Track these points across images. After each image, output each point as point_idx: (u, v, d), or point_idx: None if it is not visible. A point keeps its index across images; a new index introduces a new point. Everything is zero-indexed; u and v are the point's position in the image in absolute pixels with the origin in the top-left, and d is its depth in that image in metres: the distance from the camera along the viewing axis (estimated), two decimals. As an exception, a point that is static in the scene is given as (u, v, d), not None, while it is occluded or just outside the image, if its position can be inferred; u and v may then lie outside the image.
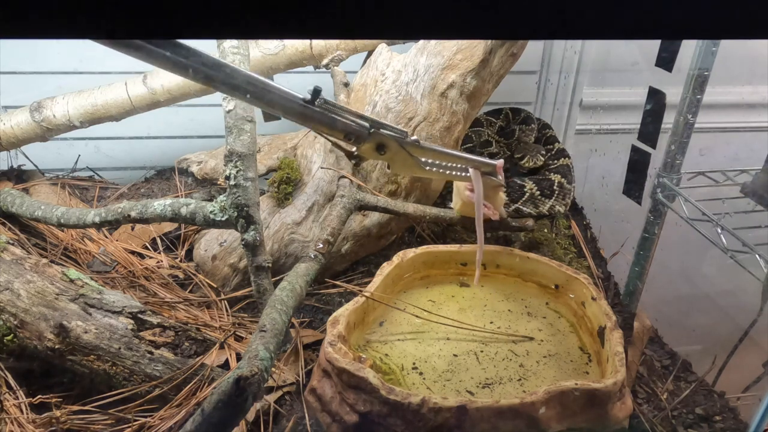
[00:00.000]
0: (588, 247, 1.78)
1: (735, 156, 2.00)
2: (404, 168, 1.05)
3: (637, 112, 1.65)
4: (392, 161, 1.02)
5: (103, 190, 1.91)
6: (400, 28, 0.45)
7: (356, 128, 0.94)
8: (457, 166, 1.15)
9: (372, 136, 0.96)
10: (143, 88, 1.68)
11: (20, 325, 1.22)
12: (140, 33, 0.42)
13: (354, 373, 1.09)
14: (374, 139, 0.96)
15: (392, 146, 0.99)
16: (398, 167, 1.04)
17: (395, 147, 0.99)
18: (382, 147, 0.98)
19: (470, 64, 1.54)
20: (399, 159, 1.01)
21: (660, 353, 1.55)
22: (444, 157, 1.10)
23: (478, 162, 1.18)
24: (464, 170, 1.17)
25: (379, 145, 0.98)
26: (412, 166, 1.04)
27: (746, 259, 1.51)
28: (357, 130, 0.94)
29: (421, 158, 1.05)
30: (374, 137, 0.96)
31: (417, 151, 1.03)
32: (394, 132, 0.99)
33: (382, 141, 0.97)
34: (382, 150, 0.98)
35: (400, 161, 1.02)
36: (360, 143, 0.96)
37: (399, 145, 0.99)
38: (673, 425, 1.31)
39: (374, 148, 0.98)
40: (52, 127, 1.71)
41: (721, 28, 0.47)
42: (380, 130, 0.96)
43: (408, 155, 1.01)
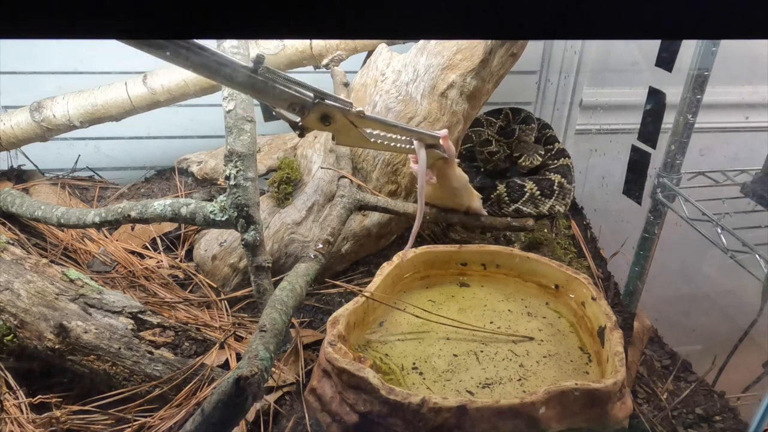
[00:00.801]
0: (588, 247, 1.78)
1: (735, 156, 2.00)
2: (349, 139, 1.04)
3: (637, 112, 1.65)
4: (337, 132, 1.01)
5: (103, 190, 1.91)
6: (400, 28, 0.45)
7: (300, 98, 0.93)
8: (402, 138, 1.15)
9: (316, 106, 0.95)
10: (143, 88, 1.68)
11: (20, 325, 1.22)
12: (140, 33, 0.42)
13: (354, 373, 1.09)
14: (319, 109, 0.95)
15: (337, 117, 0.98)
16: (343, 139, 1.03)
17: (340, 118, 0.98)
18: (326, 118, 0.98)
19: (470, 64, 1.54)
20: (344, 130, 1.01)
21: (660, 353, 1.55)
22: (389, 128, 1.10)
23: (422, 134, 1.18)
24: (409, 142, 1.17)
25: (324, 116, 0.97)
26: (357, 137, 1.04)
27: (746, 259, 1.51)
28: (301, 99, 0.93)
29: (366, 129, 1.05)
30: (319, 107, 0.95)
31: (361, 122, 1.02)
32: (339, 103, 0.98)
33: (327, 111, 0.96)
34: (327, 121, 0.98)
35: (344, 133, 1.01)
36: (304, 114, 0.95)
37: (343, 116, 0.98)
38: (673, 425, 1.31)
39: (319, 119, 0.97)
40: (52, 127, 1.71)
41: (721, 28, 0.47)
42: (325, 101, 0.95)
43: (352, 126, 1.01)
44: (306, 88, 0.94)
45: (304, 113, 0.95)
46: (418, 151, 1.18)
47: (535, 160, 1.77)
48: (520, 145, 1.87)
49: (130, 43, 0.75)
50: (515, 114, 2.03)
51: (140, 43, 0.75)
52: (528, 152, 1.79)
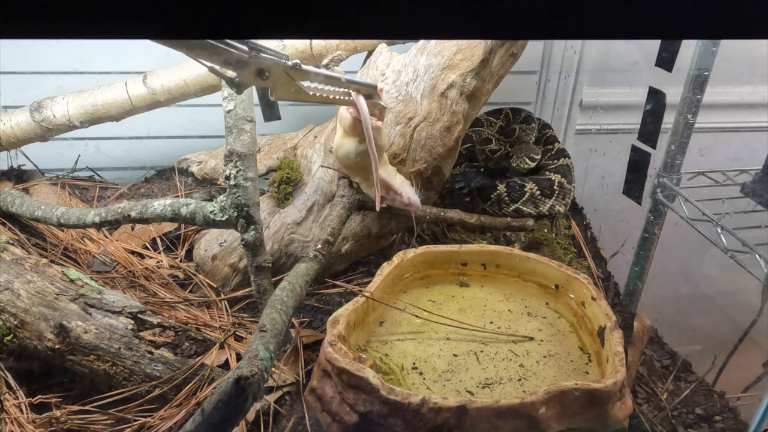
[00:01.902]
0: (588, 247, 1.78)
1: (735, 156, 2.00)
2: (287, 93, 1.04)
3: (637, 112, 1.65)
4: (275, 86, 1.01)
5: (103, 190, 1.91)
6: (400, 28, 0.45)
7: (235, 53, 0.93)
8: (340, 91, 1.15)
9: (252, 59, 0.95)
10: (143, 88, 1.68)
11: (20, 325, 1.22)
12: (142, 33, 0.42)
13: (354, 373, 1.09)
14: (254, 63, 0.96)
15: (274, 71, 0.99)
16: (281, 92, 1.03)
17: (277, 71, 0.99)
18: (262, 72, 0.98)
19: (470, 64, 1.54)
20: (281, 84, 1.01)
21: (660, 353, 1.55)
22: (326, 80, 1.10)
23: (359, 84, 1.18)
24: (347, 95, 1.18)
25: (260, 71, 0.97)
26: (295, 91, 1.04)
27: (746, 259, 1.51)
28: (236, 54, 0.93)
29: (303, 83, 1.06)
30: (254, 62, 0.95)
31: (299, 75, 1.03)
32: (275, 56, 0.99)
33: (262, 66, 0.97)
34: (263, 75, 0.98)
35: (282, 86, 1.01)
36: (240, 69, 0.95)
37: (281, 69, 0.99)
38: (673, 425, 1.31)
39: (255, 74, 0.97)
40: (52, 127, 1.71)
41: (721, 28, 0.47)
42: (261, 54, 0.96)
43: (290, 80, 1.01)
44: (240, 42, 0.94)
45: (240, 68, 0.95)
46: (357, 99, 1.18)
47: (523, 162, 1.77)
48: (516, 147, 1.87)
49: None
50: (515, 114, 2.03)
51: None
52: (519, 154, 1.78)
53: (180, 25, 0.42)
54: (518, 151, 1.81)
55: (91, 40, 0.54)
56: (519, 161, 1.77)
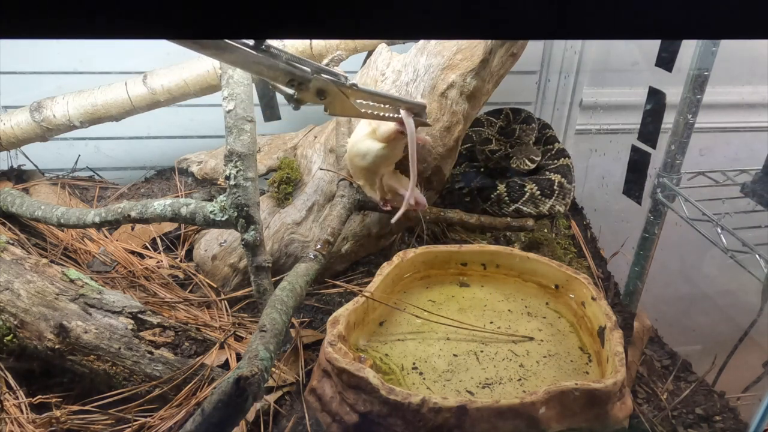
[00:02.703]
0: (588, 247, 1.78)
1: (735, 156, 2.00)
2: (341, 110, 1.10)
3: (637, 112, 1.65)
4: (330, 104, 1.06)
5: (103, 190, 1.91)
6: (400, 28, 0.45)
7: (299, 73, 0.97)
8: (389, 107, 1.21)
9: (314, 80, 1.00)
10: (143, 88, 1.68)
11: (20, 325, 1.22)
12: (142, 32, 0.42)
13: (354, 373, 1.09)
14: (315, 83, 1.00)
15: (332, 90, 1.04)
16: (335, 109, 1.08)
17: (334, 91, 1.04)
18: (322, 92, 1.03)
19: (470, 64, 1.54)
20: (337, 102, 1.06)
21: (660, 353, 1.55)
22: (377, 99, 1.16)
23: (408, 103, 1.24)
24: (395, 111, 1.23)
25: (320, 90, 1.02)
26: (349, 108, 1.10)
27: (746, 259, 1.51)
28: (300, 75, 0.98)
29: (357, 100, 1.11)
30: (316, 82, 1.00)
31: (353, 94, 1.08)
32: (334, 77, 1.03)
33: (323, 86, 1.02)
34: (322, 95, 1.03)
35: (338, 104, 1.07)
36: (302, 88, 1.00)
37: (338, 89, 1.04)
38: (673, 425, 1.31)
39: (315, 93, 1.02)
40: (52, 127, 1.71)
41: (721, 28, 0.47)
42: (321, 75, 1.00)
43: (345, 98, 1.07)
44: (303, 63, 0.99)
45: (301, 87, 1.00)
46: (407, 119, 1.23)
47: (523, 163, 1.77)
48: (516, 147, 1.87)
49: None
50: (515, 114, 2.03)
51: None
52: (519, 155, 1.79)
53: (179, 25, 0.42)
54: (518, 152, 1.81)
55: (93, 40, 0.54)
56: (519, 162, 1.77)
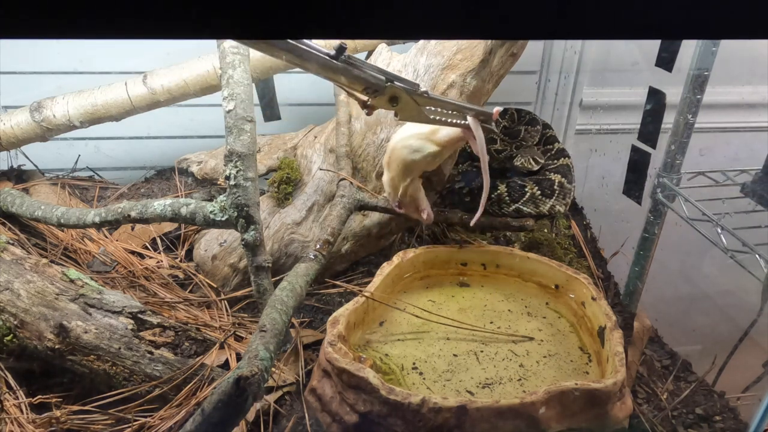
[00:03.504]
0: (588, 247, 1.78)
1: (735, 156, 2.00)
2: (411, 117, 1.15)
3: (637, 112, 1.65)
4: (401, 110, 1.12)
5: (103, 190, 1.91)
6: (400, 28, 0.45)
7: (374, 81, 1.04)
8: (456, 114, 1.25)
9: (388, 88, 1.06)
10: (143, 88, 1.68)
11: (20, 325, 1.22)
12: (142, 32, 0.42)
13: (354, 373, 1.09)
14: (389, 91, 1.06)
15: (403, 97, 1.09)
16: (406, 116, 1.14)
17: (406, 98, 1.10)
18: (394, 99, 1.09)
19: (470, 64, 1.54)
20: (408, 109, 1.12)
21: (660, 353, 1.55)
22: (447, 105, 1.21)
23: (476, 110, 1.27)
24: (463, 117, 1.26)
25: (392, 97, 1.08)
26: (418, 114, 1.15)
27: (746, 259, 1.51)
28: (375, 83, 1.04)
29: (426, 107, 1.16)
30: (389, 89, 1.06)
31: (424, 101, 1.14)
32: (407, 84, 1.09)
33: (395, 93, 1.08)
34: (394, 102, 1.09)
35: (408, 110, 1.12)
36: (375, 95, 1.06)
37: (409, 96, 1.10)
38: (673, 425, 1.31)
39: (387, 100, 1.08)
40: (52, 127, 1.71)
41: (721, 28, 0.47)
42: (395, 83, 1.07)
43: (416, 105, 1.12)
44: (378, 72, 1.05)
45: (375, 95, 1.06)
46: (475, 127, 1.26)
47: (527, 163, 1.76)
48: (521, 148, 1.86)
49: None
50: (520, 115, 2.03)
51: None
52: (524, 155, 1.78)
53: (177, 24, 0.42)
54: (523, 152, 1.80)
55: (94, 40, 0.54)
56: (523, 161, 1.76)
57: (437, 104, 1.17)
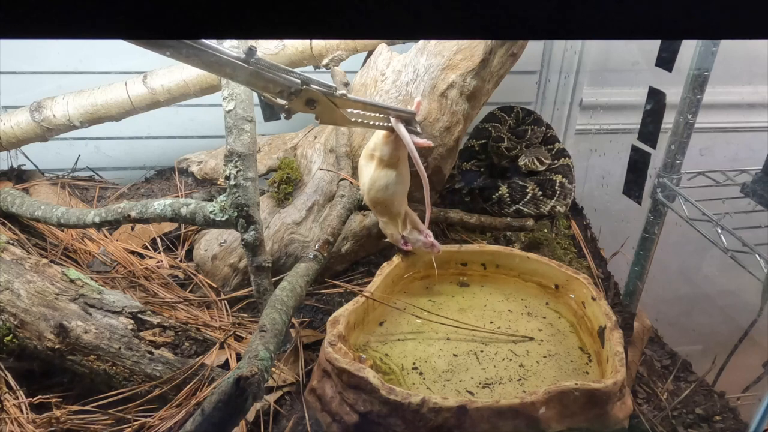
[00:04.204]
0: (588, 247, 1.78)
1: (735, 156, 2.00)
2: (331, 120, 1.13)
3: (637, 112, 1.65)
4: (321, 114, 1.09)
5: (103, 190, 1.91)
6: (400, 28, 0.45)
7: (288, 84, 1.01)
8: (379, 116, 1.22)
9: (303, 91, 1.03)
10: (143, 88, 1.68)
11: (20, 325, 1.22)
12: (141, 32, 0.42)
13: (354, 373, 1.09)
14: (305, 94, 1.04)
15: (321, 100, 1.07)
16: (326, 119, 1.11)
17: (324, 101, 1.07)
18: (312, 102, 1.06)
19: (470, 64, 1.54)
20: (327, 112, 1.09)
21: (660, 353, 1.55)
22: (367, 107, 1.18)
23: (398, 111, 1.25)
24: (386, 120, 1.24)
25: (309, 100, 1.05)
26: (339, 117, 1.13)
27: (746, 259, 1.51)
28: (289, 86, 1.01)
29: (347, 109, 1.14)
30: (305, 93, 1.03)
31: (343, 103, 1.11)
32: (323, 87, 1.06)
33: (312, 96, 1.05)
34: (312, 105, 1.06)
35: (327, 113, 1.10)
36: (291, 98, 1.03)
37: (327, 98, 1.07)
38: (673, 425, 1.31)
39: (304, 103, 1.05)
40: (52, 127, 1.71)
41: (721, 28, 0.47)
42: (310, 86, 1.04)
43: (335, 108, 1.10)
44: (293, 75, 1.01)
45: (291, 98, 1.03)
46: (397, 126, 1.23)
47: (532, 163, 1.76)
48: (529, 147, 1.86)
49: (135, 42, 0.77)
50: (525, 115, 2.03)
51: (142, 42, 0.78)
52: (529, 155, 1.78)
53: (182, 26, 0.42)
54: (527, 152, 1.80)
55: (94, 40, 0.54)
56: (527, 161, 1.76)
57: (357, 106, 1.15)
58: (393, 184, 1.32)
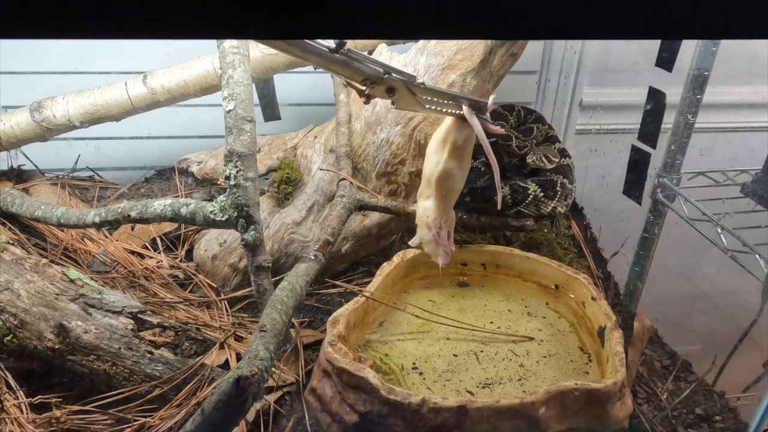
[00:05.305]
0: (588, 247, 1.78)
1: (735, 156, 2.00)
2: (407, 106, 1.20)
3: (637, 112, 1.65)
4: (398, 101, 1.16)
5: (103, 190, 1.91)
6: (400, 28, 0.45)
7: (372, 73, 1.08)
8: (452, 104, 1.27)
9: (385, 79, 1.10)
10: (143, 88, 1.68)
11: (20, 325, 1.22)
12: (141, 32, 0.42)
13: (354, 373, 1.09)
14: (386, 82, 1.11)
15: (400, 88, 1.14)
16: (402, 105, 1.18)
17: (402, 89, 1.14)
18: (392, 89, 1.13)
19: (470, 64, 1.54)
20: (404, 99, 1.16)
21: (660, 353, 1.55)
22: (443, 95, 1.24)
23: (471, 99, 1.29)
24: (458, 107, 1.28)
25: (390, 88, 1.13)
26: (414, 104, 1.19)
27: (746, 259, 1.51)
28: (373, 75, 1.08)
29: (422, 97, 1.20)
30: (387, 81, 1.11)
31: (420, 92, 1.18)
32: (404, 76, 1.14)
33: (392, 84, 1.12)
34: (392, 92, 1.14)
35: (404, 100, 1.17)
36: (373, 86, 1.11)
37: (406, 87, 1.15)
38: (673, 425, 1.31)
39: (385, 90, 1.13)
40: (52, 127, 1.71)
41: (721, 28, 0.47)
42: (392, 75, 1.11)
43: (411, 95, 1.17)
44: (376, 64, 1.08)
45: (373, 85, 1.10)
46: (470, 116, 1.27)
47: (539, 161, 1.74)
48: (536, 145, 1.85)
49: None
50: (527, 113, 2.02)
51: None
52: (537, 152, 1.77)
53: (174, 24, 0.42)
54: (535, 149, 1.79)
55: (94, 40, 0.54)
56: (535, 158, 1.75)
57: (433, 94, 1.21)
58: (458, 173, 1.37)
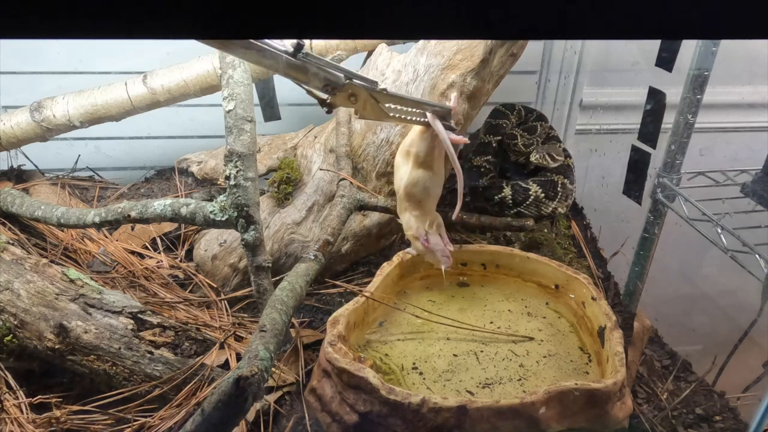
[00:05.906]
0: (588, 247, 1.78)
1: (735, 156, 2.00)
2: (371, 114, 1.14)
3: (637, 112, 1.65)
4: (361, 108, 1.11)
5: (103, 190, 1.91)
6: (400, 28, 0.45)
7: (333, 79, 1.03)
8: (416, 111, 1.24)
9: (347, 85, 1.05)
10: (143, 88, 1.68)
11: (20, 325, 1.22)
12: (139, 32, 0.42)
13: (354, 373, 1.09)
14: (348, 88, 1.05)
15: (362, 95, 1.09)
16: (366, 114, 1.13)
17: (365, 95, 1.09)
18: (353, 96, 1.08)
19: (470, 64, 1.54)
20: (368, 106, 1.11)
21: (660, 353, 1.55)
22: (406, 103, 1.21)
23: (435, 105, 1.27)
24: (422, 115, 1.25)
25: (351, 95, 1.07)
26: (378, 112, 1.14)
27: (746, 259, 1.51)
28: (333, 81, 1.03)
29: (385, 104, 1.16)
30: (348, 87, 1.05)
31: (383, 98, 1.13)
32: (366, 82, 1.08)
33: (354, 90, 1.07)
34: (353, 98, 1.08)
35: (368, 108, 1.12)
36: (335, 93, 1.05)
37: (368, 93, 1.09)
38: (673, 425, 1.31)
39: (347, 97, 1.07)
40: (52, 127, 1.71)
41: (721, 28, 0.47)
42: (353, 81, 1.05)
43: (375, 102, 1.12)
44: (337, 69, 1.03)
45: (334, 92, 1.05)
46: (433, 121, 1.25)
47: (543, 159, 1.74)
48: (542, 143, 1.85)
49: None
50: (527, 112, 2.03)
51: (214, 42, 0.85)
52: (541, 150, 1.77)
53: (173, 24, 0.42)
54: (539, 147, 1.79)
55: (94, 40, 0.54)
56: (539, 156, 1.75)
57: (396, 101, 1.17)
58: (428, 180, 1.34)
